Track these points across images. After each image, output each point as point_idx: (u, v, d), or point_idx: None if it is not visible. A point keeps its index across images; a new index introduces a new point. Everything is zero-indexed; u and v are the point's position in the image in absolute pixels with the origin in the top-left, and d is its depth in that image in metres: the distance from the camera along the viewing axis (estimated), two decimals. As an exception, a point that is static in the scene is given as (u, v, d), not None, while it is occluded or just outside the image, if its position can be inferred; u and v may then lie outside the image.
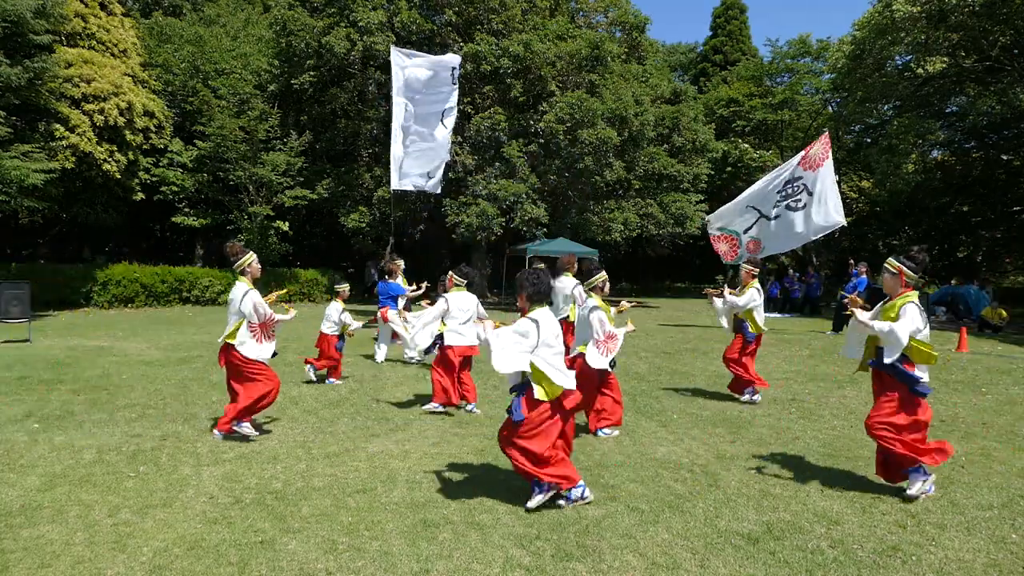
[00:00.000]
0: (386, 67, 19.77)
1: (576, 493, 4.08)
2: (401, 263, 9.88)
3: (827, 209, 11.49)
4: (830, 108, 28.51)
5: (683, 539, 3.67)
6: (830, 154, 11.71)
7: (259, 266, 5.69)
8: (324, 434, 5.70)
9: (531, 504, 4.01)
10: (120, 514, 3.87)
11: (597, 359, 5.46)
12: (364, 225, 20.13)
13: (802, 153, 11.79)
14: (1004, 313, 15.84)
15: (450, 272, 6.91)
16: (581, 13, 24.49)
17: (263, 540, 3.57)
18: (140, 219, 23.00)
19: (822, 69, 27.86)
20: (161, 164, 19.96)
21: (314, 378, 8.01)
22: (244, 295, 5.39)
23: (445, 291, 6.89)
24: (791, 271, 23.59)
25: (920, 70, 20.62)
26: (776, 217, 11.69)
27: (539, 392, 4.02)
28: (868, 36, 20.34)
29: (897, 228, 24.93)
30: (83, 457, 4.89)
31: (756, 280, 7.36)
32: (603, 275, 5.85)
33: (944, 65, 20.26)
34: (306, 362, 8.14)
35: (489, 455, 5.16)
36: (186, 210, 20.93)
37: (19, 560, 3.30)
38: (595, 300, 5.65)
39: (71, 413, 6.17)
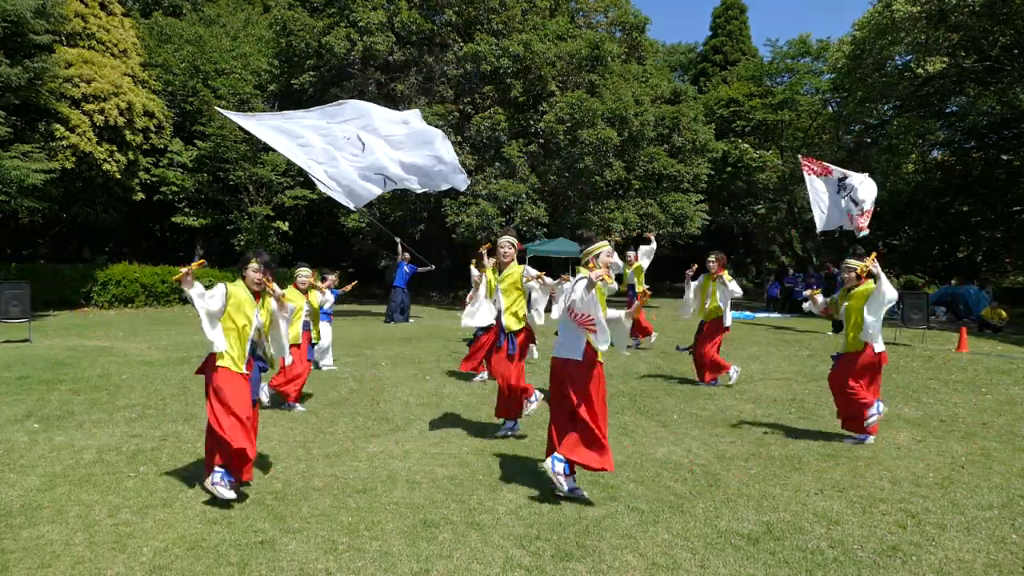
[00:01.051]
0: (386, 67, 19.88)
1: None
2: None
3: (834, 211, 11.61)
4: (830, 108, 28.49)
5: (683, 539, 3.67)
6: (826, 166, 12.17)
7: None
8: (324, 434, 5.70)
9: None
10: (120, 514, 3.87)
11: None
12: (364, 225, 20.14)
13: (812, 175, 11.53)
14: (1004, 313, 15.84)
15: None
16: (581, 13, 24.49)
17: (263, 540, 3.57)
18: (140, 219, 23.01)
19: (822, 69, 27.84)
20: (161, 164, 19.97)
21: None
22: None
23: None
24: (791, 271, 23.58)
25: (920, 70, 20.60)
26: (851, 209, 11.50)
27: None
28: (868, 36, 20.33)
29: (897, 228, 24.88)
30: (83, 457, 4.89)
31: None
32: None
33: (944, 65, 20.24)
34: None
35: (489, 455, 5.16)
36: (186, 210, 20.94)
37: (19, 560, 3.30)
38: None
39: (71, 413, 6.17)
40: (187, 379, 7.92)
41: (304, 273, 7.02)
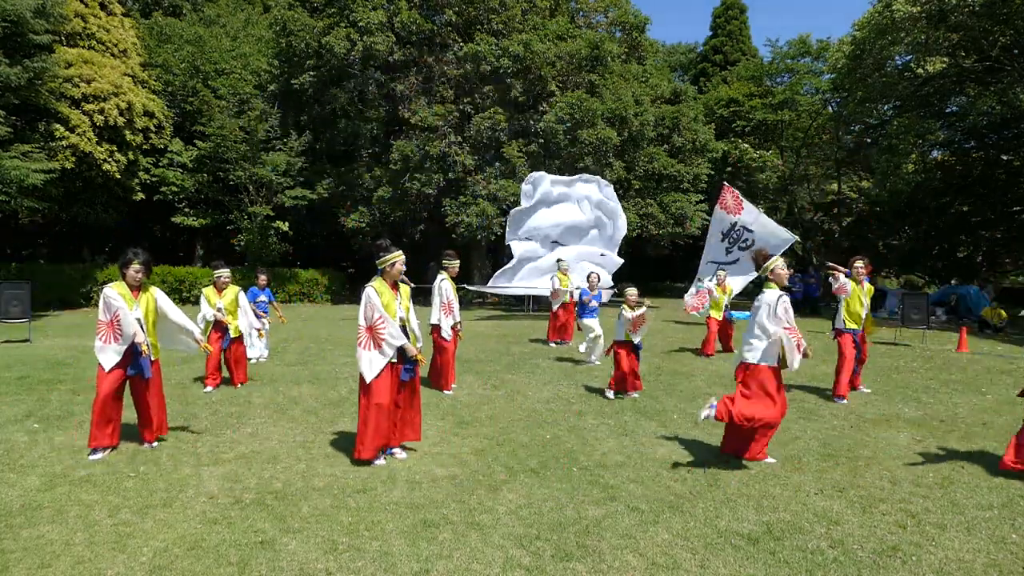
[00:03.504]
0: (386, 67, 19.88)
1: None
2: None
3: (774, 232, 13.31)
4: (830, 108, 28.49)
5: (683, 539, 3.67)
6: (741, 198, 13.57)
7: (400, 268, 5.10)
8: (324, 434, 5.70)
9: None
10: (120, 514, 3.87)
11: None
12: (364, 225, 20.14)
13: (718, 206, 13.79)
14: (1004, 313, 15.85)
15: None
16: (581, 13, 24.47)
17: (263, 540, 3.57)
18: (140, 219, 23.00)
19: (822, 69, 27.83)
20: (161, 164, 19.97)
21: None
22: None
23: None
24: (791, 271, 23.60)
25: (920, 70, 20.60)
26: (735, 261, 13.53)
27: None
28: (868, 36, 20.32)
29: (897, 228, 24.89)
30: (83, 457, 4.89)
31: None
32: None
33: (944, 65, 20.24)
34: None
35: (489, 455, 5.16)
36: (186, 210, 20.94)
37: (19, 560, 3.30)
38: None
39: (71, 413, 6.17)
40: (187, 379, 7.92)
41: (224, 274, 7.78)
